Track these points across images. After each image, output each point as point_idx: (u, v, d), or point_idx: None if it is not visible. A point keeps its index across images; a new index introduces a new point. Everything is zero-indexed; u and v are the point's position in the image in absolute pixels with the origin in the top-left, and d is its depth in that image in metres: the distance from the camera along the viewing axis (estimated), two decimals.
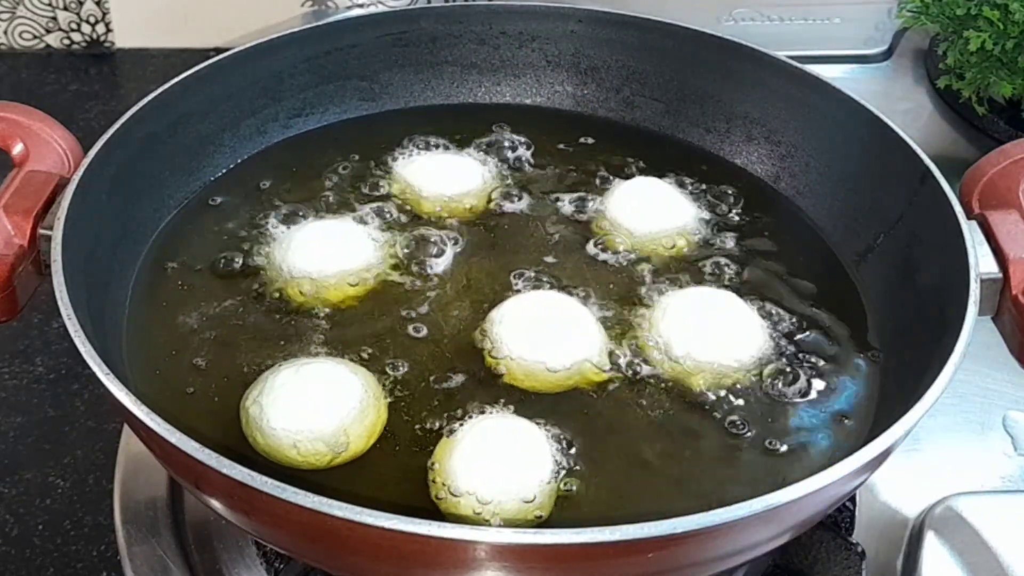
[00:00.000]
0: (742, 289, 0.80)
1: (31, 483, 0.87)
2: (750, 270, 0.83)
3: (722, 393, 0.73)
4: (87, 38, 1.38)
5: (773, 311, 0.79)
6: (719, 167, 0.93)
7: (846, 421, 0.72)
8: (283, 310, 0.78)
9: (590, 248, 0.84)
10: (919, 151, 0.79)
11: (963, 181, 0.78)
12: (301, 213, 0.86)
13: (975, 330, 0.65)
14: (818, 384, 0.74)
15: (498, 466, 0.65)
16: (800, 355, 0.76)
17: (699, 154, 0.95)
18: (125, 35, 1.38)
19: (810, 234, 0.87)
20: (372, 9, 1.35)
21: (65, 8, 1.35)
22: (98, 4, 1.35)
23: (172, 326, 0.77)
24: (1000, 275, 0.71)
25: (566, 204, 0.88)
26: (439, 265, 0.82)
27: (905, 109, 1.28)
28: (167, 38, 1.38)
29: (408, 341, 0.76)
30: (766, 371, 0.74)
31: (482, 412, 0.70)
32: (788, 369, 0.75)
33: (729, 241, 0.85)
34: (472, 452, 0.65)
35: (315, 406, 0.67)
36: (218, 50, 0.98)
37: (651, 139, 0.96)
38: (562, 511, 0.65)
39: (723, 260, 0.83)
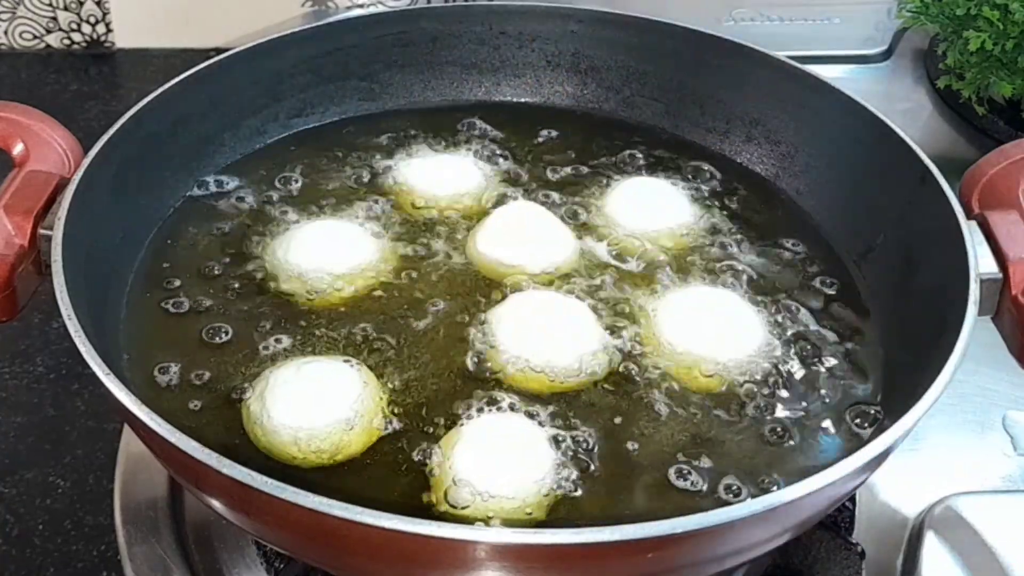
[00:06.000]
0: (742, 288, 0.81)
1: (31, 483, 0.87)
2: (750, 269, 0.83)
3: (721, 391, 0.73)
4: (87, 38, 1.38)
5: (773, 310, 0.79)
6: (719, 167, 0.93)
7: (846, 420, 0.72)
8: (283, 309, 0.78)
9: (590, 247, 0.84)
10: (919, 151, 0.79)
11: (963, 181, 0.78)
12: (301, 213, 0.86)
13: (975, 330, 0.65)
14: (818, 382, 0.74)
15: (498, 465, 0.65)
16: (800, 353, 0.76)
17: (699, 154, 0.95)
18: (125, 35, 1.38)
19: (810, 234, 0.87)
20: (372, 9, 1.35)
21: (65, 8, 1.35)
22: (98, 4, 1.35)
23: (172, 325, 0.77)
24: (1000, 275, 0.71)
25: (566, 203, 0.88)
26: (438, 265, 0.82)
27: (905, 109, 1.28)
28: (167, 38, 1.38)
29: (408, 340, 0.76)
30: (766, 369, 0.74)
31: (482, 411, 0.70)
32: (788, 367, 0.75)
33: (729, 240, 0.85)
34: (472, 451, 0.65)
35: (316, 403, 0.68)
36: (218, 50, 0.99)
37: (651, 139, 0.96)
38: (562, 511, 0.65)
39: (723, 259, 0.83)
